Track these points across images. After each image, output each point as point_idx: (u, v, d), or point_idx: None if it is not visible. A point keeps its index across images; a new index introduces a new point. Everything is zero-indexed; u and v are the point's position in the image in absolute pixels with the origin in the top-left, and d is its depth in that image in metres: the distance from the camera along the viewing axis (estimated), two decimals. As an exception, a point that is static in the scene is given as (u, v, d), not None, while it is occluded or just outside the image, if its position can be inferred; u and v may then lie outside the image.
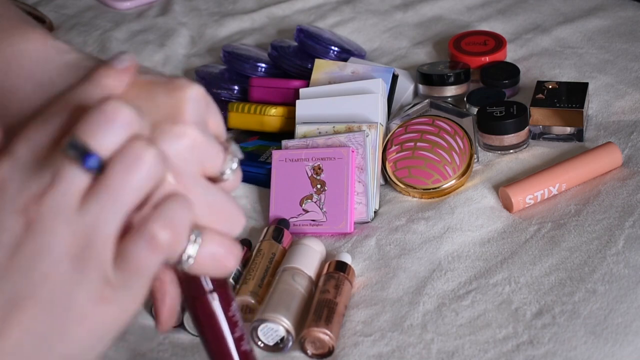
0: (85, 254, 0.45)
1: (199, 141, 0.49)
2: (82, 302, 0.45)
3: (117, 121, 0.45)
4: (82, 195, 0.45)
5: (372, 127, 0.92)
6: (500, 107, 0.96)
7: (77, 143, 0.44)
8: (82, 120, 0.45)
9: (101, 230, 0.45)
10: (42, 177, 0.45)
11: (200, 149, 0.50)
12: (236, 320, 0.56)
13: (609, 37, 1.13)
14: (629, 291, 0.76)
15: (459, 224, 0.87)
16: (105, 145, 0.44)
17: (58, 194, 0.44)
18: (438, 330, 0.75)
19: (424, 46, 1.17)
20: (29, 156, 0.46)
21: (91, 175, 0.45)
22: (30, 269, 0.45)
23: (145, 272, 0.46)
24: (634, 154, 0.92)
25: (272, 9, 1.29)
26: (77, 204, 0.45)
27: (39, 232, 0.44)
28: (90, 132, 0.44)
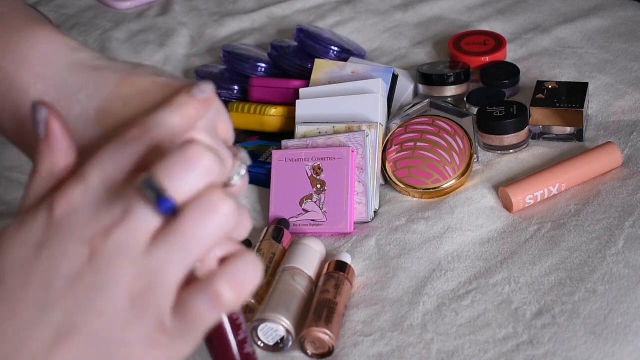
0: (146, 297, 0.44)
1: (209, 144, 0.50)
2: (133, 344, 0.45)
3: (198, 167, 0.44)
4: (151, 237, 0.44)
5: (372, 127, 0.92)
6: (500, 107, 0.96)
7: (154, 184, 0.43)
8: (162, 160, 0.44)
9: (165, 276, 0.44)
10: (113, 210, 0.44)
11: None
12: (240, 324, 0.57)
13: (609, 37, 1.13)
14: (629, 291, 0.76)
15: (459, 224, 0.87)
16: (182, 190, 0.44)
17: (127, 232, 0.44)
18: (438, 330, 0.75)
19: (424, 46, 1.17)
20: (102, 185, 0.45)
21: (163, 219, 0.44)
22: (87, 301, 0.44)
23: (203, 325, 0.45)
24: (634, 154, 0.92)
25: (272, 9, 1.29)
26: (145, 245, 0.44)
27: (103, 267, 0.44)
28: (169, 175, 0.43)
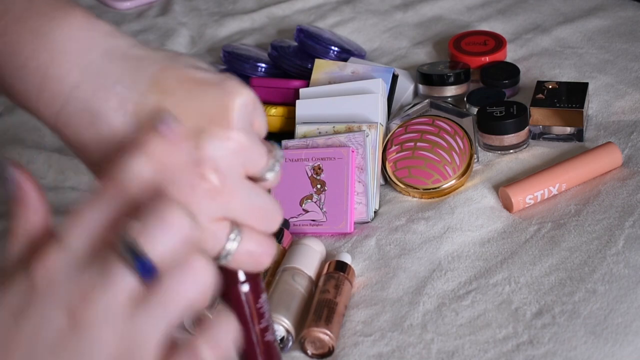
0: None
1: (244, 145, 0.51)
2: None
3: (174, 228, 0.44)
4: (130, 299, 0.44)
5: (372, 127, 0.92)
6: (500, 107, 0.96)
7: (131, 245, 0.43)
8: (138, 220, 0.44)
9: (147, 340, 0.44)
10: (91, 274, 0.44)
11: (244, 153, 0.51)
12: (263, 312, 0.58)
13: (609, 37, 1.13)
14: (629, 291, 0.76)
15: (459, 224, 0.87)
16: (159, 250, 0.44)
17: (107, 296, 0.43)
18: (438, 330, 0.75)
19: (424, 46, 1.17)
20: (80, 248, 0.45)
21: (142, 280, 0.44)
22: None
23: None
24: (634, 154, 0.92)
25: (272, 9, 1.29)
26: (125, 308, 0.44)
27: (84, 333, 0.43)
28: (146, 237, 0.43)
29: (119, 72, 0.52)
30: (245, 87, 0.52)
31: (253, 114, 0.53)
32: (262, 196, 0.53)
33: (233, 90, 0.51)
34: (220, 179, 0.50)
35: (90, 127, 0.52)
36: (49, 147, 1.05)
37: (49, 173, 1.01)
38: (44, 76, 0.52)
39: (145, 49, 0.53)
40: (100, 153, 0.52)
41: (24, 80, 0.53)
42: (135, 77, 0.51)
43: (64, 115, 0.52)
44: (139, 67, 0.52)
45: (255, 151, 0.52)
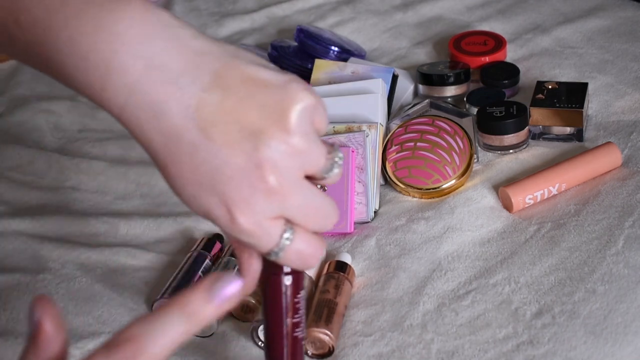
0: None
1: (302, 149, 0.52)
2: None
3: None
4: None
5: (372, 127, 0.92)
6: (500, 107, 0.96)
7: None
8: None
9: None
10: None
11: (303, 156, 0.52)
12: (299, 308, 0.59)
13: (608, 37, 1.13)
14: (629, 291, 0.76)
15: (459, 224, 0.87)
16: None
17: None
18: (438, 330, 0.75)
19: (424, 46, 1.17)
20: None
21: None
22: None
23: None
24: (633, 154, 0.92)
25: (272, 9, 1.29)
26: None
27: None
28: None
29: (182, 66, 0.52)
30: (308, 91, 0.53)
31: (314, 114, 0.53)
32: (318, 196, 0.55)
33: (294, 95, 0.52)
34: (279, 180, 0.51)
35: (153, 120, 0.52)
36: (49, 147, 1.05)
37: (49, 173, 1.01)
38: (107, 69, 0.52)
39: (206, 41, 0.53)
40: (163, 147, 0.53)
41: (87, 73, 0.53)
42: (197, 73, 0.52)
43: (128, 109, 0.53)
44: (202, 62, 0.52)
45: (313, 153, 0.53)
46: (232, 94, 0.52)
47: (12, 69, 1.24)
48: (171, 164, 0.53)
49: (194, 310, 0.47)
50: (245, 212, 0.52)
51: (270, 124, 0.51)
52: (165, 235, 0.91)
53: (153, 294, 0.82)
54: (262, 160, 0.51)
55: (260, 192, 0.52)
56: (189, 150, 0.52)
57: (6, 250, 0.87)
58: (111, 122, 1.11)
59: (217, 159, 0.52)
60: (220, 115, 0.51)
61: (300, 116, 0.52)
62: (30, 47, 0.54)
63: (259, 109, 0.52)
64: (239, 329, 0.79)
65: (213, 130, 0.51)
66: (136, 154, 1.04)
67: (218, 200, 0.52)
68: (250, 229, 0.53)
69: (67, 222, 0.91)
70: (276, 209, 0.53)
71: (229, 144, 0.51)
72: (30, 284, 0.82)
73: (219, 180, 0.52)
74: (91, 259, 0.86)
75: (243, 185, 0.51)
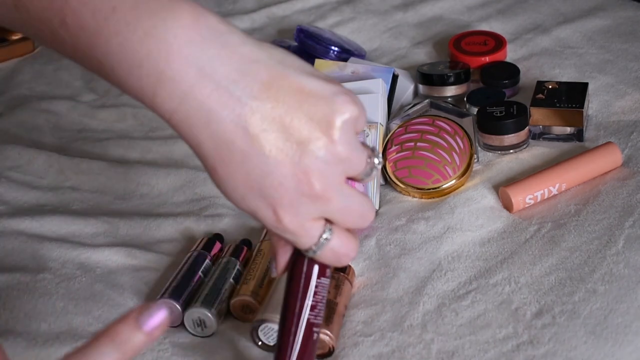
0: None
1: (345, 157, 0.56)
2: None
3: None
4: None
5: (372, 127, 0.92)
6: (500, 107, 0.96)
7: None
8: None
9: None
10: None
11: (345, 163, 0.57)
12: (318, 292, 0.63)
13: (609, 37, 1.13)
14: (629, 291, 0.76)
15: (459, 224, 0.87)
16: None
17: None
18: (438, 330, 0.75)
19: (424, 46, 1.17)
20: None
21: None
22: None
23: None
24: (633, 154, 0.92)
25: (272, 9, 1.29)
26: None
27: None
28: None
29: (234, 75, 0.54)
30: (353, 103, 0.56)
31: (357, 124, 0.57)
32: (357, 197, 0.59)
33: (340, 107, 0.56)
34: (323, 186, 0.56)
35: (205, 126, 0.55)
36: (49, 147, 1.05)
37: (49, 173, 1.01)
38: (160, 76, 0.54)
39: (254, 47, 0.56)
40: (213, 152, 0.55)
41: (139, 79, 0.54)
42: (248, 81, 0.54)
43: (179, 114, 0.55)
44: (252, 70, 0.55)
45: (355, 160, 0.57)
46: (281, 103, 0.55)
47: (12, 69, 1.24)
48: (221, 168, 0.56)
49: (124, 339, 0.48)
50: (290, 214, 0.57)
51: (317, 134, 0.55)
52: (165, 235, 0.91)
53: (153, 294, 0.82)
54: (308, 168, 0.55)
55: (306, 197, 0.56)
56: (240, 157, 0.55)
57: (6, 249, 0.87)
58: (111, 122, 1.12)
59: (266, 166, 0.55)
60: (269, 124, 0.55)
61: (344, 127, 0.56)
62: (79, 49, 0.55)
63: (306, 119, 0.55)
64: (239, 329, 0.79)
65: (263, 139, 0.55)
66: (136, 154, 1.04)
67: (266, 203, 0.56)
68: (294, 228, 0.57)
69: (67, 222, 0.91)
70: (319, 211, 0.57)
71: (278, 152, 0.55)
72: (30, 283, 0.82)
73: (268, 185, 0.55)
74: (91, 259, 0.86)
75: (290, 191, 0.56)
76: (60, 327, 0.77)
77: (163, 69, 0.54)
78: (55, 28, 0.55)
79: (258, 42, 0.56)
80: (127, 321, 0.49)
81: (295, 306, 0.63)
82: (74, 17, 0.54)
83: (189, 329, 0.78)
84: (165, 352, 0.76)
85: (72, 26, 0.55)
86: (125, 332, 0.48)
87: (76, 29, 0.55)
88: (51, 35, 0.56)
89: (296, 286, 0.63)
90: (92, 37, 0.54)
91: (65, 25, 0.55)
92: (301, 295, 0.63)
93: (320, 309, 0.63)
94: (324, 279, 0.63)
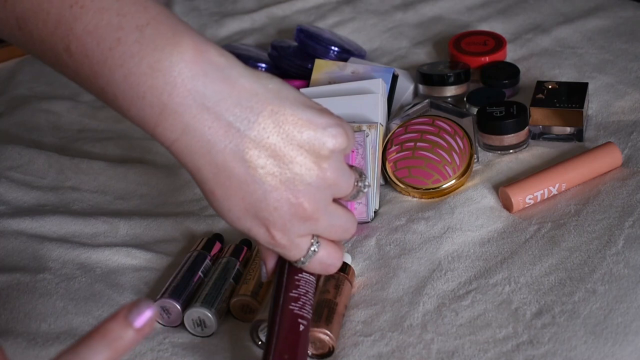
0: None
1: (334, 182, 0.62)
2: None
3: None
4: None
5: (372, 127, 0.92)
6: (500, 107, 0.96)
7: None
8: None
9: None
10: None
11: (334, 187, 0.63)
12: (301, 285, 0.69)
13: (608, 37, 1.13)
14: (629, 291, 0.76)
15: (459, 224, 0.87)
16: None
17: None
18: (438, 330, 0.75)
19: (424, 46, 1.17)
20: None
21: None
22: None
23: None
24: (633, 154, 0.92)
25: (272, 9, 1.30)
26: None
27: None
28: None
29: (233, 108, 0.58)
30: (343, 135, 0.61)
31: (346, 151, 0.63)
32: (343, 215, 0.66)
33: (330, 140, 0.61)
34: (313, 208, 0.62)
35: (205, 155, 0.58)
36: (49, 147, 1.05)
37: (49, 173, 1.01)
38: (163, 108, 0.57)
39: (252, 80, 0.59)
40: (212, 177, 0.59)
41: (142, 109, 0.57)
42: (247, 115, 0.59)
43: (180, 143, 0.58)
44: (251, 104, 0.59)
45: (342, 184, 0.63)
46: (277, 134, 0.59)
47: (12, 69, 1.24)
48: (218, 191, 0.60)
49: (115, 336, 0.50)
50: (282, 232, 0.62)
51: (309, 163, 0.60)
52: (165, 235, 0.91)
53: (153, 294, 0.82)
54: (300, 193, 0.61)
55: (297, 218, 0.62)
56: (237, 183, 0.59)
57: (6, 249, 0.87)
58: (111, 122, 1.12)
59: (262, 191, 0.60)
60: (266, 155, 0.59)
61: (334, 156, 0.62)
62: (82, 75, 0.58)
63: (299, 150, 0.60)
64: (239, 329, 0.79)
65: (259, 167, 0.59)
66: (136, 154, 1.04)
67: (260, 223, 0.62)
68: (285, 244, 0.64)
69: (67, 222, 0.91)
70: (308, 229, 0.64)
71: (272, 179, 0.60)
72: (30, 283, 0.82)
73: (264, 208, 0.61)
74: (91, 259, 0.86)
75: (284, 213, 0.61)
76: (60, 327, 0.77)
77: (166, 102, 0.56)
78: (59, 53, 0.57)
79: (255, 73, 0.60)
80: (117, 319, 0.50)
81: (279, 298, 0.68)
82: (78, 45, 0.56)
83: (189, 329, 0.78)
84: (165, 352, 0.76)
85: (76, 53, 0.56)
86: (116, 329, 0.50)
87: (80, 56, 0.56)
88: (54, 58, 0.58)
89: (279, 280, 0.69)
90: (95, 66, 0.56)
91: (69, 52, 0.57)
92: (284, 287, 0.68)
93: (305, 302, 0.68)
94: (305, 274, 0.69)
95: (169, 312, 0.78)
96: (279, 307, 0.68)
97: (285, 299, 0.68)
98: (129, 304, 0.51)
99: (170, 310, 0.78)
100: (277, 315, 0.67)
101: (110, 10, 0.56)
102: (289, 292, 0.68)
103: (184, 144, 0.58)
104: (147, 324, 0.50)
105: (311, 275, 0.70)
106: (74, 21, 0.56)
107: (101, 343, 0.49)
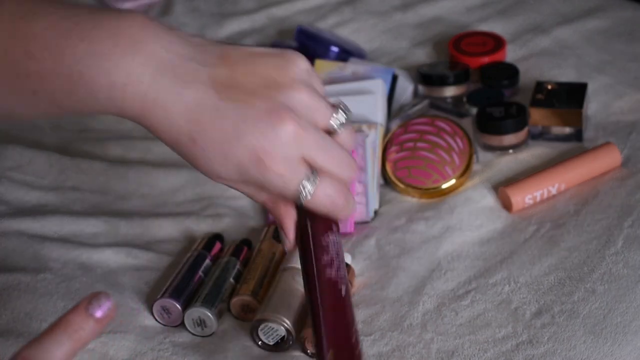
0: None
1: (309, 96, 0.59)
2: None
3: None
4: None
5: (372, 127, 0.92)
6: (499, 108, 0.96)
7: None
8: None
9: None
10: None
11: (310, 103, 0.59)
12: (330, 250, 0.62)
13: (608, 38, 1.13)
14: (628, 291, 0.76)
15: (458, 223, 0.87)
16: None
17: None
18: (438, 330, 0.76)
19: (423, 46, 1.17)
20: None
21: None
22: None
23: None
24: (632, 154, 0.92)
25: (272, 10, 1.30)
26: None
27: None
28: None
29: (191, 53, 0.58)
30: (303, 57, 0.60)
31: (311, 80, 0.60)
32: (336, 145, 0.61)
33: (292, 57, 0.60)
34: (297, 121, 0.58)
35: (176, 98, 0.57)
36: (49, 147, 1.05)
37: (50, 173, 1.01)
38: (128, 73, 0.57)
39: (201, 38, 0.60)
40: (187, 122, 0.58)
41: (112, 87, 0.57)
42: (206, 57, 0.58)
43: (149, 98, 0.57)
44: (206, 49, 0.59)
45: (318, 103, 0.60)
46: (238, 66, 0.59)
47: (13, 69, 1.24)
48: (197, 135, 0.58)
49: (76, 328, 0.51)
50: (272, 155, 0.58)
51: (278, 80, 0.59)
52: (165, 235, 0.91)
53: (153, 294, 0.82)
54: (279, 105, 0.58)
55: (283, 132, 0.57)
56: (213, 114, 0.57)
57: (7, 250, 0.87)
58: (111, 122, 1.12)
59: (239, 111, 0.58)
60: (233, 80, 0.58)
61: (299, 74, 0.59)
62: (43, 80, 0.58)
63: (263, 73, 0.59)
64: (239, 329, 0.79)
65: (231, 92, 0.58)
66: (136, 154, 1.04)
67: (247, 151, 0.58)
68: (278, 170, 0.58)
69: (67, 222, 0.91)
70: (298, 149, 0.58)
71: (247, 96, 0.58)
72: (30, 283, 0.82)
73: (245, 130, 0.57)
74: (92, 259, 0.86)
75: (267, 131, 0.57)
76: (60, 326, 0.77)
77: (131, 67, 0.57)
78: (20, 61, 0.57)
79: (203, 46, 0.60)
80: (77, 311, 0.52)
81: (313, 269, 0.62)
82: (37, 42, 0.57)
83: (189, 329, 0.78)
84: (166, 351, 0.76)
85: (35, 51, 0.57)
86: (77, 321, 0.51)
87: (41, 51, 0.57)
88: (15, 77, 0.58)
89: (307, 250, 0.63)
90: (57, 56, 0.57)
91: (30, 54, 0.57)
92: (314, 256, 0.62)
93: (338, 265, 0.62)
94: (331, 234, 0.63)
95: (169, 311, 0.79)
96: (316, 277, 0.62)
97: (319, 268, 0.62)
98: (88, 296, 0.52)
99: (170, 310, 0.78)
100: (316, 288, 0.62)
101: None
102: (320, 260, 0.62)
103: (153, 99, 0.58)
104: (106, 315, 0.52)
105: (335, 235, 0.64)
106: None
107: (64, 334, 0.51)
